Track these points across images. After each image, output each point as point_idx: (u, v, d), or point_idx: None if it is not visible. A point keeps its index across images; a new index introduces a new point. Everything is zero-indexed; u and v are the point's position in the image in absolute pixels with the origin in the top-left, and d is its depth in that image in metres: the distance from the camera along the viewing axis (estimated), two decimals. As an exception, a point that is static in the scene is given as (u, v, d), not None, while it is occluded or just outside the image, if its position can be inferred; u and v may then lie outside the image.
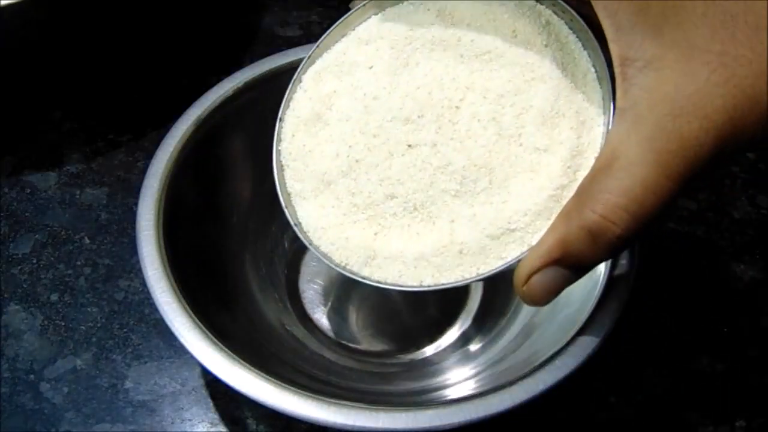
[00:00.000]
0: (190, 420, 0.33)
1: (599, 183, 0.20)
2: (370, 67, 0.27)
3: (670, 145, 0.19)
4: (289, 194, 0.27)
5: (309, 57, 0.28)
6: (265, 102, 0.36)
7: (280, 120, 0.28)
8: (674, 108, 0.20)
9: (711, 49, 0.19)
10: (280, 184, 0.27)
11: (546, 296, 0.22)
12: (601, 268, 0.30)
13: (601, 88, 0.24)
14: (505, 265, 0.23)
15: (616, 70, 0.21)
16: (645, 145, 0.20)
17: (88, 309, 0.36)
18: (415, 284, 0.25)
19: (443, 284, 0.25)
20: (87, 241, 0.39)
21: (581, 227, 0.20)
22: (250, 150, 0.37)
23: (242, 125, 0.36)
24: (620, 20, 0.21)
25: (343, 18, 0.28)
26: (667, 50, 0.20)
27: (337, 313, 0.37)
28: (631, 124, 0.20)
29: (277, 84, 0.36)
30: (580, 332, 0.27)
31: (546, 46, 0.25)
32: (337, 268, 0.26)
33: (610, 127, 0.22)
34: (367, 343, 0.36)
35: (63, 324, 0.36)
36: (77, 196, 0.41)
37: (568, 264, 0.21)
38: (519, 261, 0.23)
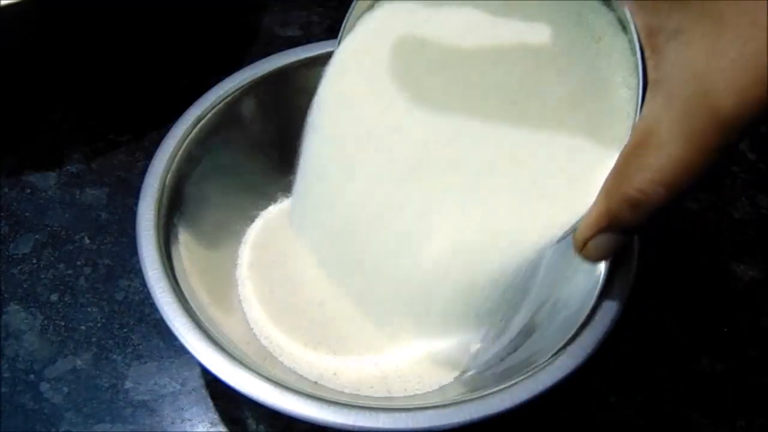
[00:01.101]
0: (190, 420, 0.33)
1: (636, 160, 0.21)
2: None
3: (703, 123, 0.20)
4: None
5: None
6: (265, 102, 0.36)
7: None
8: (706, 86, 0.19)
9: (740, 21, 0.19)
10: None
11: (603, 256, 0.24)
12: (601, 268, 0.30)
13: (632, 54, 0.23)
14: (562, 236, 0.25)
15: (644, 42, 0.21)
16: (678, 124, 0.20)
17: (88, 309, 0.36)
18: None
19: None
20: (87, 241, 0.39)
21: (622, 201, 0.22)
22: (250, 150, 0.37)
23: (242, 125, 0.36)
24: None
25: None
26: (694, 23, 0.20)
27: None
28: (664, 101, 0.20)
29: (277, 84, 0.36)
30: (580, 332, 0.27)
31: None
32: None
33: (640, 95, 0.22)
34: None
35: (63, 324, 0.36)
36: (77, 196, 0.41)
37: (616, 230, 0.23)
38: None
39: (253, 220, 0.37)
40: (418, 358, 0.32)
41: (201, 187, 0.34)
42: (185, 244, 0.32)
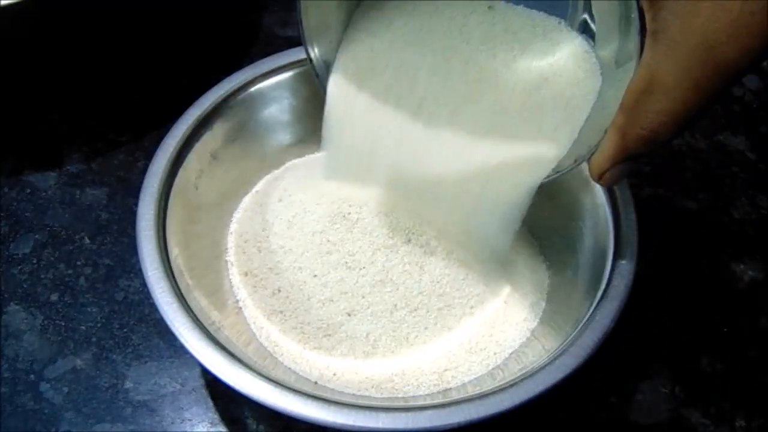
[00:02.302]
0: (190, 420, 0.33)
1: (644, 104, 0.23)
2: None
3: (707, 71, 0.21)
4: None
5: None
6: (264, 102, 0.36)
7: None
8: (708, 39, 0.21)
9: None
10: None
11: (617, 181, 0.28)
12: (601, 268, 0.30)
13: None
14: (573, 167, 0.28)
15: None
16: (682, 72, 0.22)
17: (88, 309, 0.36)
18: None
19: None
20: (87, 241, 0.39)
21: (636, 139, 0.24)
22: (250, 150, 0.37)
23: (242, 125, 0.36)
24: None
25: None
26: None
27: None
28: (667, 50, 0.22)
29: (277, 84, 0.36)
30: (580, 332, 0.27)
31: None
32: None
33: (638, 36, 0.24)
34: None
35: (63, 324, 0.36)
36: (77, 196, 0.41)
37: (629, 160, 0.25)
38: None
39: (249, 221, 0.37)
40: (419, 360, 0.32)
41: (201, 187, 0.34)
42: (183, 244, 0.32)
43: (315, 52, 0.32)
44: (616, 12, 0.26)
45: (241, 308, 0.33)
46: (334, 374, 0.31)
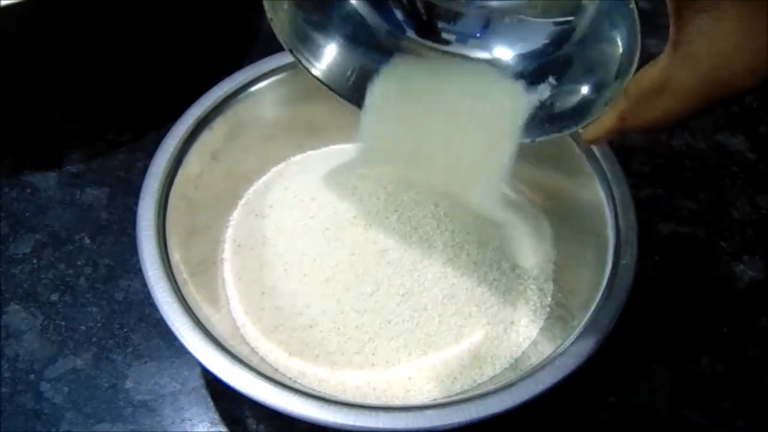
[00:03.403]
0: (190, 420, 0.33)
1: (651, 101, 0.25)
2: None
3: (719, 88, 0.23)
4: None
5: None
6: (264, 102, 0.37)
7: None
8: (731, 64, 0.22)
9: None
10: None
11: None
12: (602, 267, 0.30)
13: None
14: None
15: (669, 7, 0.22)
16: (697, 83, 0.23)
17: (88, 309, 0.36)
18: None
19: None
20: (87, 241, 0.39)
21: (635, 126, 0.27)
22: (250, 150, 0.37)
23: (242, 125, 0.36)
24: None
25: None
26: (732, 4, 0.21)
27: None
28: (686, 61, 0.23)
29: (277, 84, 0.36)
30: (580, 332, 0.27)
31: None
32: None
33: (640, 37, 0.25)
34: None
35: (63, 324, 0.36)
36: (77, 196, 0.41)
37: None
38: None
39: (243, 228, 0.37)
40: (416, 371, 0.32)
41: (201, 187, 0.34)
42: (183, 243, 0.32)
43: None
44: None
45: (240, 330, 0.33)
46: (329, 383, 0.31)
